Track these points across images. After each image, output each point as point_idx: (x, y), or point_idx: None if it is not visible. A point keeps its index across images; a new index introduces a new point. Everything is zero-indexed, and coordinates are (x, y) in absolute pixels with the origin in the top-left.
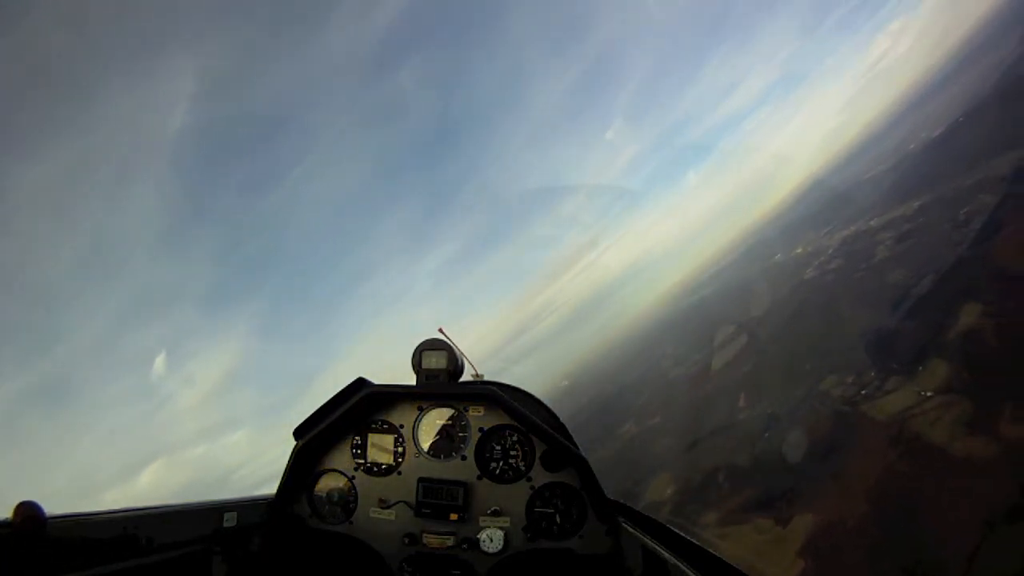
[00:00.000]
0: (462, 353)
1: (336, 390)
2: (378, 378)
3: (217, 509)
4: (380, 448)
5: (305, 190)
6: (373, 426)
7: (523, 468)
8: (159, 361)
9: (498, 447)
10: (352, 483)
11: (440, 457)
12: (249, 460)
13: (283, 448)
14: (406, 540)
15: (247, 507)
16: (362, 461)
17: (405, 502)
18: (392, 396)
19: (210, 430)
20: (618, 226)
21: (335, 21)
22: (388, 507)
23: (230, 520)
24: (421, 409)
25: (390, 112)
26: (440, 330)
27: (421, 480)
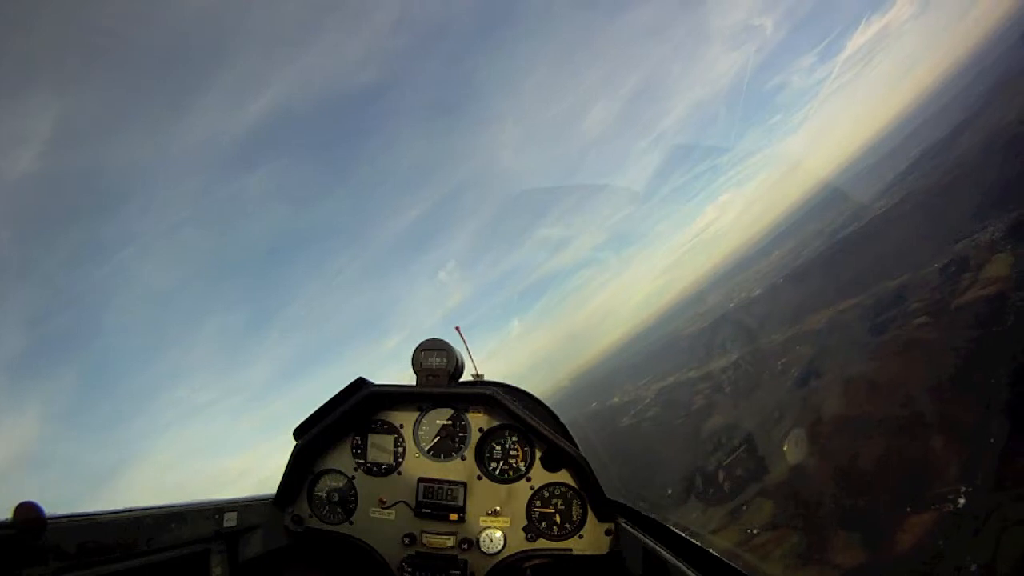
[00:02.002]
0: (462, 353)
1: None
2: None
3: (217, 509)
4: (380, 448)
5: (132, 273)
6: (373, 426)
7: (523, 468)
8: None
9: (498, 447)
10: (352, 483)
11: (440, 457)
12: None
13: (283, 448)
14: (406, 540)
15: (247, 507)
16: (362, 461)
17: (405, 502)
18: (392, 396)
19: None
20: None
21: (207, 105)
22: (388, 507)
23: (230, 520)
24: (421, 409)
25: (232, 214)
26: (456, 328)
27: (421, 480)
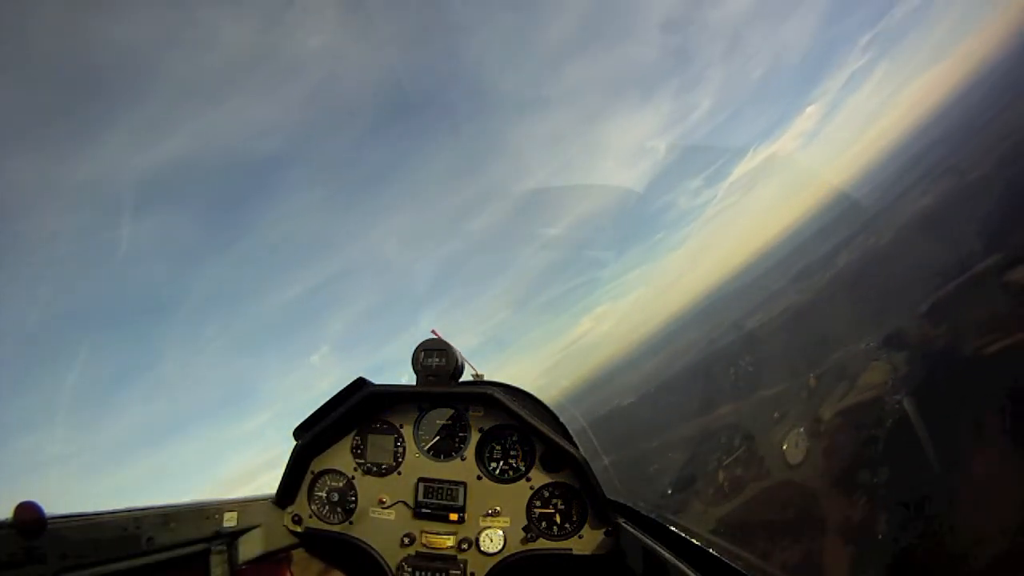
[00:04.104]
0: (462, 353)
1: None
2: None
3: (217, 509)
4: (380, 448)
5: None
6: (373, 426)
7: (523, 468)
8: None
9: (498, 447)
10: (352, 483)
11: (440, 457)
12: None
13: (283, 448)
14: (405, 540)
15: (247, 507)
16: (362, 461)
17: (405, 502)
18: (392, 396)
19: None
20: None
21: (104, 141)
22: (388, 507)
23: (230, 520)
24: (421, 409)
25: (105, 259)
26: (433, 331)
27: (421, 480)
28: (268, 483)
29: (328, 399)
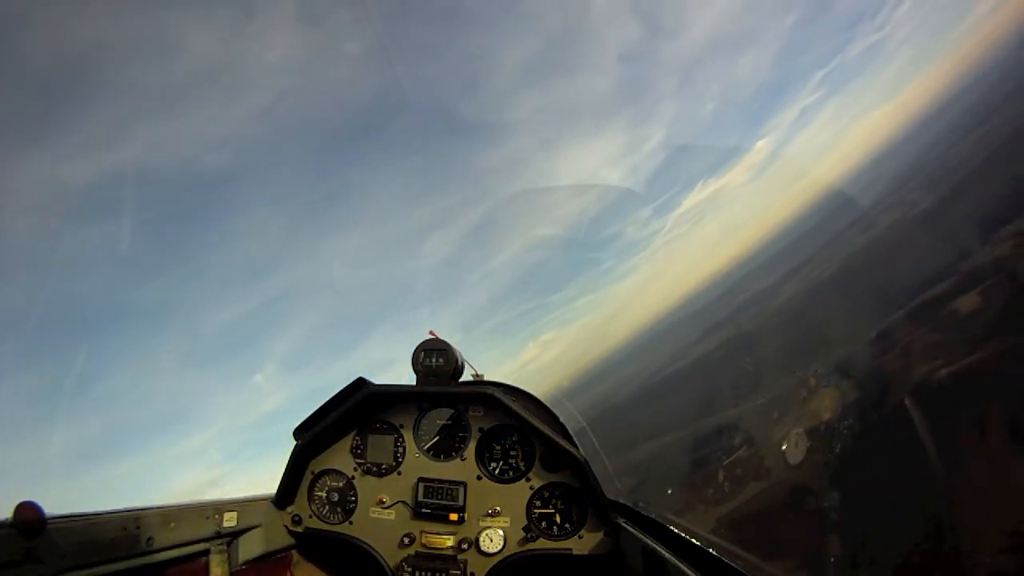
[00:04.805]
0: (462, 353)
1: None
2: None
3: (217, 509)
4: (380, 448)
5: None
6: (373, 426)
7: (523, 468)
8: None
9: (498, 447)
10: (352, 483)
11: (440, 457)
12: None
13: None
14: (406, 540)
15: (247, 507)
16: (362, 461)
17: (405, 502)
18: (392, 396)
19: None
20: None
21: (56, 141)
22: (388, 507)
23: (230, 520)
24: (421, 409)
25: (51, 265)
26: (431, 333)
27: (421, 480)
28: None
29: (328, 399)
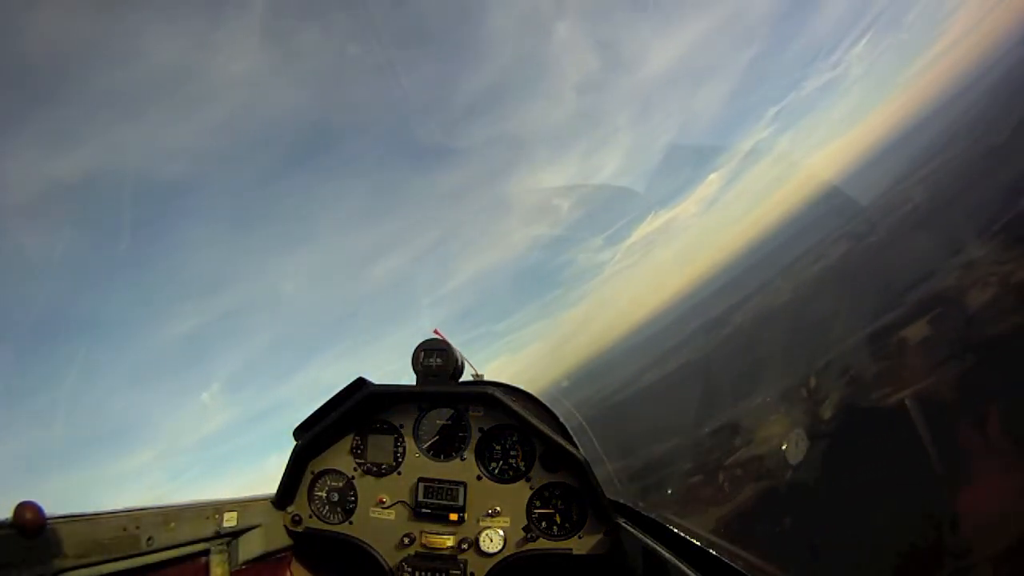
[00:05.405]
0: (462, 353)
1: None
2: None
3: (217, 509)
4: (380, 448)
5: None
6: (373, 426)
7: (523, 468)
8: None
9: (498, 447)
10: (352, 483)
11: (440, 457)
12: None
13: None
14: (406, 540)
15: (247, 507)
16: (362, 461)
17: (405, 502)
18: (392, 396)
19: None
20: None
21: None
22: (388, 507)
23: (230, 520)
24: (421, 409)
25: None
26: (436, 331)
27: (421, 480)
28: None
29: (328, 399)
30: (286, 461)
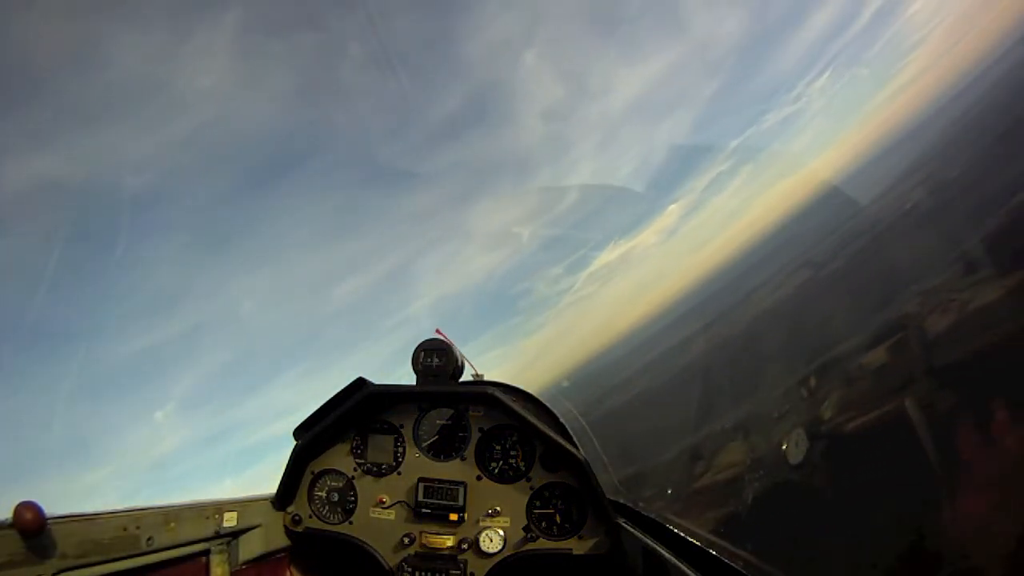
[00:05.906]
0: (462, 353)
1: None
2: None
3: (217, 509)
4: (380, 448)
5: None
6: (373, 426)
7: (523, 468)
8: None
9: (498, 447)
10: (352, 483)
11: (440, 457)
12: None
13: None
14: (405, 540)
15: (247, 507)
16: (362, 461)
17: (405, 502)
18: (392, 396)
19: None
20: None
21: None
22: (388, 507)
23: (230, 520)
24: (421, 409)
25: None
26: (437, 331)
27: (421, 480)
28: None
29: (328, 399)
30: (285, 461)
